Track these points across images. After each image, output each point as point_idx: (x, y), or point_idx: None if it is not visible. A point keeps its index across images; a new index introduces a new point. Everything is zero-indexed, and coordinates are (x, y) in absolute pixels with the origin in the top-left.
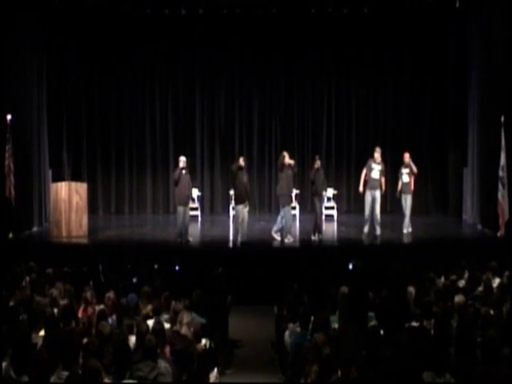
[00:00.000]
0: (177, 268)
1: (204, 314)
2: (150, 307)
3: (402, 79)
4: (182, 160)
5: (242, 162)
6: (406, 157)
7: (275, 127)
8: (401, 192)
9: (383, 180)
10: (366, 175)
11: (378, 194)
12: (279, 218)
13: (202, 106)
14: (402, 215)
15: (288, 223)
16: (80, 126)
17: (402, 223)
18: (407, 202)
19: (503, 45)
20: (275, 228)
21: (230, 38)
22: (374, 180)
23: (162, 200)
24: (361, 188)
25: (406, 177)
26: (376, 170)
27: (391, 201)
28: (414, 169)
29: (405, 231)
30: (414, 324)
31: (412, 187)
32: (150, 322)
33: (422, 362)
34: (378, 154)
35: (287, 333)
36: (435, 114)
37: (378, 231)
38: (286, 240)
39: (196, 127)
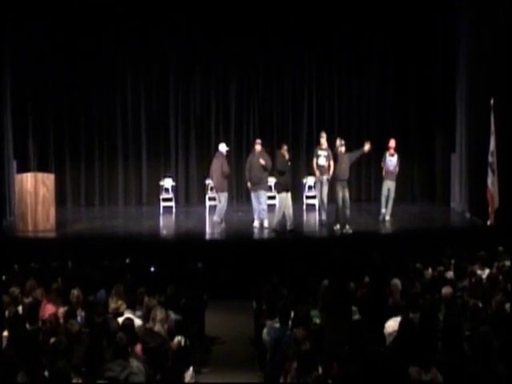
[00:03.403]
0: (152, 268)
1: (179, 310)
2: (120, 304)
3: (386, 62)
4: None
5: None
6: (392, 144)
7: (253, 113)
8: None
9: (331, 164)
10: (315, 163)
11: (325, 179)
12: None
13: (176, 91)
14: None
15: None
16: (46, 113)
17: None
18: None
19: (492, 25)
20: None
21: (205, 19)
22: (321, 166)
23: (135, 191)
24: (317, 175)
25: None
26: (322, 157)
27: (376, 189)
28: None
29: (387, 218)
30: (399, 318)
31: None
32: (121, 320)
33: (407, 356)
34: (323, 140)
35: (266, 328)
36: (421, 97)
37: (324, 216)
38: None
39: (170, 113)
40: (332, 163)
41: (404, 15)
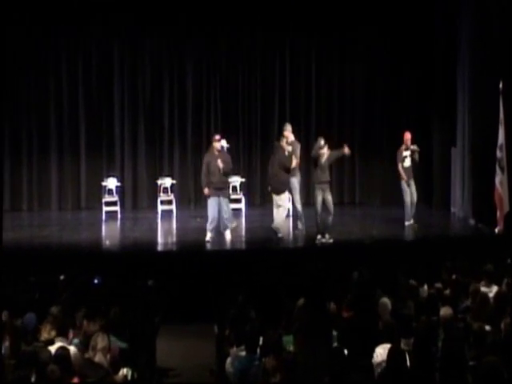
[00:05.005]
0: (95, 280)
1: (124, 336)
2: (54, 334)
3: (374, 42)
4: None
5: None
6: (409, 138)
7: (215, 101)
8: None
9: (295, 162)
10: None
11: (294, 180)
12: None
13: (122, 76)
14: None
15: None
16: None
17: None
18: (413, 188)
19: None
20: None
21: None
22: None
23: (72, 193)
24: None
25: (408, 160)
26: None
27: (360, 190)
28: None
29: (409, 223)
30: (388, 344)
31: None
32: (53, 349)
33: None
34: (287, 133)
35: (230, 358)
36: (415, 82)
37: (298, 224)
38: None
39: (114, 100)
40: (295, 161)
41: None
